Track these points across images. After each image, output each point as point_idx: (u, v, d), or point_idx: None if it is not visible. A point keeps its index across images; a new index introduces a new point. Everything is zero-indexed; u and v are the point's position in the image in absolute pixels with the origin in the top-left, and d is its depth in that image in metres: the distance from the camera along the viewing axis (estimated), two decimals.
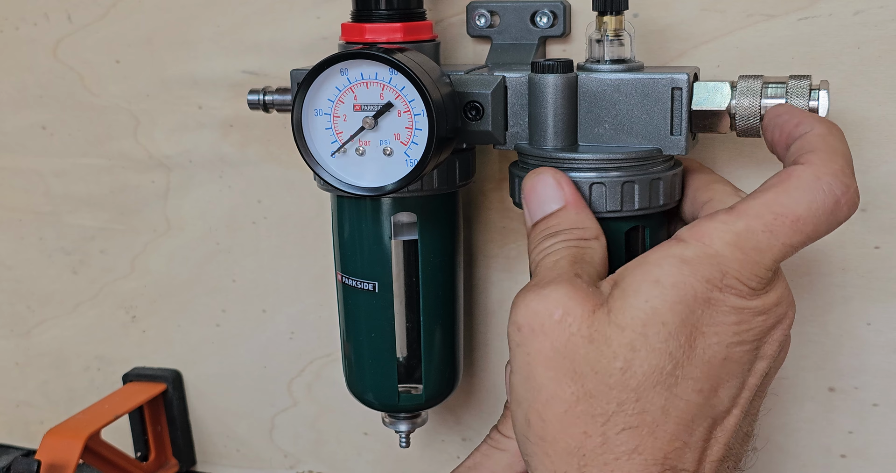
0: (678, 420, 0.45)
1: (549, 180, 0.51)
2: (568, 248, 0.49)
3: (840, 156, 0.47)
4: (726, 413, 0.46)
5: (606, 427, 0.45)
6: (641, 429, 0.44)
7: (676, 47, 0.58)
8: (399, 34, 0.55)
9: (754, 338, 0.46)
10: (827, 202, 0.45)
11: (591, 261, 0.49)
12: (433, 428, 0.71)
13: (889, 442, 0.60)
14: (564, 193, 0.51)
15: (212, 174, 0.71)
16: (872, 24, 0.55)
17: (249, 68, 0.68)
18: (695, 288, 0.45)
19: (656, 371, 0.44)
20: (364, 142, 0.53)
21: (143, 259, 0.75)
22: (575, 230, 0.50)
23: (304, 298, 0.72)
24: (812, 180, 0.46)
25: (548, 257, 0.49)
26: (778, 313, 0.47)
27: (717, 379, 0.45)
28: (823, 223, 0.46)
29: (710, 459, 0.46)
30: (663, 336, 0.44)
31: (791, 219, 0.45)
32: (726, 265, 0.45)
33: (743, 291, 0.45)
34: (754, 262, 0.45)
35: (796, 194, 0.46)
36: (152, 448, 0.77)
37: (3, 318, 0.81)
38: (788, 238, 0.45)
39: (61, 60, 0.73)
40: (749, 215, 0.46)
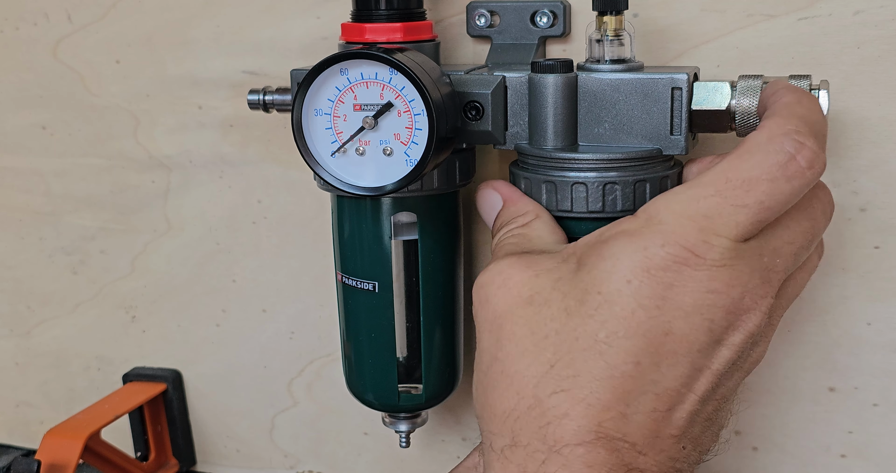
0: (612, 388, 0.45)
1: (486, 189, 0.56)
2: (513, 235, 0.52)
3: (797, 118, 0.47)
4: (677, 394, 0.46)
5: (538, 388, 0.45)
6: (573, 393, 0.45)
7: (676, 47, 0.58)
8: (399, 34, 0.55)
9: (704, 317, 0.45)
10: (779, 159, 0.46)
11: (538, 237, 0.51)
12: (433, 428, 0.71)
13: (889, 442, 0.60)
14: (501, 193, 0.55)
15: (212, 174, 0.71)
16: (872, 24, 0.55)
17: (249, 68, 0.68)
18: (633, 259, 0.45)
19: (588, 336, 0.45)
20: (364, 142, 0.53)
21: (143, 259, 0.76)
22: (515, 220, 0.53)
23: (304, 298, 0.72)
24: (764, 142, 0.46)
25: (497, 247, 0.53)
26: (731, 295, 0.45)
27: (659, 354, 0.45)
28: (780, 180, 0.45)
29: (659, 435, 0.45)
30: (596, 303, 0.45)
31: (741, 180, 0.45)
32: (669, 233, 0.45)
33: (689, 259, 0.45)
34: (702, 227, 0.45)
35: (747, 157, 0.46)
36: (152, 448, 0.77)
37: (3, 318, 0.81)
38: (739, 199, 0.45)
39: (61, 60, 0.73)
40: (700, 184, 0.46)
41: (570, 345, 0.45)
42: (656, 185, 0.53)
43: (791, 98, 0.48)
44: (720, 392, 0.48)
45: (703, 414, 0.47)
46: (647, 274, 0.45)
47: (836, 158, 0.57)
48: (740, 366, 0.48)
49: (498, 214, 0.55)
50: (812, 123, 0.47)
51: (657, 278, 0.45)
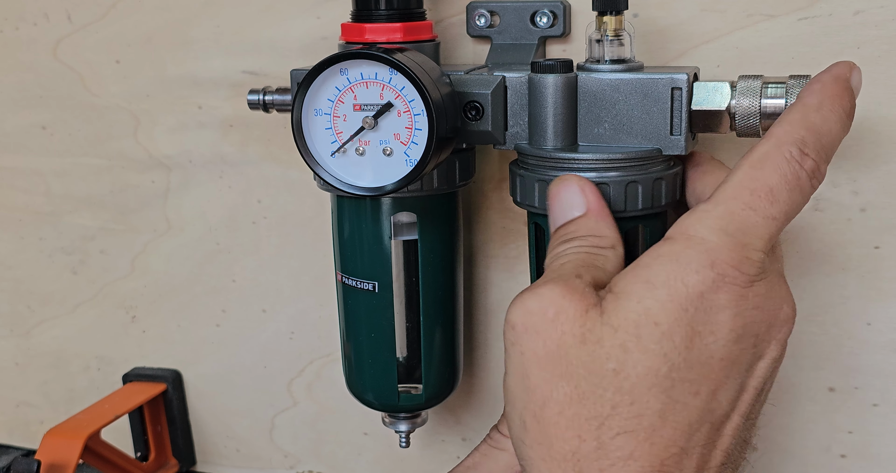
0: (676, 424, 0.43)
1: (573, 187, 0.51)
2: (579, 254, 0.48)
3: (806, 127, 0.46)
4: (726, 418, 0.45)
5: (601, 430, 0.43)
6: (637, 434, 0.43)
7: (676, 47, 0.58)
8: (399, 34, 0.55)
9: (752, 335, 0.45)
10: (792, 168, 0.45)
11: (601, 267, 0.48)
12: (433, 428, 0.71)
13: (889, 442, 0.60)
14: (587, 200, 0.50)
15: (212, 174, 0.71)
16: (873, 24, 0.55)
17: (249, 68, 0.68)
18: (686, 284, 0.44)
19: (651, 373, 0.43)
20: (364, 142, 0.53)
21: (143, 259, 0.76)
22: (591, 238, 0.49)
23: (304, 298, 0.72)
24: (773, 150, 0.46)
25: (557, 261, 0.48)
26: (771, 307, 0.45)
27: (716, 381, 0.44)
28: (796, 190, 0.45)
29: (709, 465, 0.45)
30: (656, 337, 0.43)
31: (765, 191, 0.45)
32: (715, 252, 0.44)
33: (737, 278, 0.44)
34: (742, 244, 0.44)
35: (762, 166, 0.45)
36: (152, 448, 0.77)
37: (3, 318, 0.81)
38: (768, 211, 0.45)
39: (61, 60, 0.73)
40: (726, 198, 0.45)
41: (631, 384, 0.43)
42: (659, 185, 0.52)
43: (813, 101, 0.47)
44: (756, 410, 0.47)
45: (742, 435, 0.46)
46: (701, 300, 0.44)
47: (836, 158, 0.57)
48: (771, 380, 0.47)
49: (574, 219, 0.50)
50: (821, 134, 0.46)
51: (711, 303, 0.44)
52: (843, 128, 0.48)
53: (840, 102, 0.48)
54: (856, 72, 0.49)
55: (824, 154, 0.46)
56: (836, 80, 0.48)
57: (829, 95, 0.48)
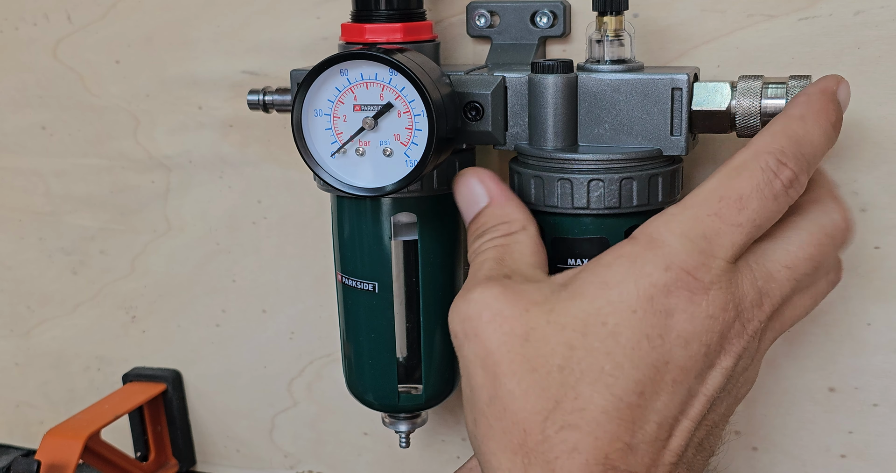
0: (619, 420, 0.44)
1: (471, 181, 0.52)
2: (494, 247, 0.50)
3: (787, 137, 0.46)
4: (674, 421, 0.45)
5: (546, 424, 0.44)
6: (581, 427, 0.44)
7: (676, 48, 0.58)
8: (399, 34, 0.55)
9: (702, 343, 0.45)
10: (766, 177, 0.45)
11: (520, 255, 0.49)
12: (433, 428, 0.71)
13: (889, 442, 0.60)
14: (487, 189, 0.52)
15: (212, 174, 0.71)
16: (873, 25, 0.55)
17: (249, 68, 0.68)
18: (638, 286, 0.44)
19: (594, 370, 0.44)
20: (364, 142, 0.53)
21: (143, 259, 0.76)
22: (500, 226, 0.50)
23: (304, 298, 0.72)
24: (750, 159, 0.46)
25: (477, 258, 0.50)
26: (726, 318, 0.45)
27: (660, 383, 0.44)
28: (769, 198, 0.45)
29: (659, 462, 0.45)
30: (602, 336, 0.44)
31: (735, 198, 0.45)
32: (672, 256, 0.44)
33: (691, 284, 0.44)
34: (702, 250, 0.44)
35: (735, 174, 0.46)
36: (152, 448, 0.77)
37: (3, 318, 0.81)
38: (734, 218, 0.45)
39: (61, 60, 0.73)
40: (695, 203, 0.46)
41: (575, 380, 0.44)
42: (655, 181, 0.52)
43: (796, 112, 0.48)
44: (710, 418, 0.47)
45: (696, 439, 0.47)
46: (651, 303, 0.44)
47: (836, 158, 0.57)
48: (730, 391, 0.48)
49: (480, 212, 0.52)
50: (802, 144, 0.46)
51: (661, 306, 0.44)
52: (826, 139, 0.48)
53: (825, 113, 0.48)
54: (843, 85, 0.49)
55: (805, 164, 0.46)
56: (823, 92, 0.49)
57: (814, 107, 0.48)
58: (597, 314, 0.45)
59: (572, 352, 0.44)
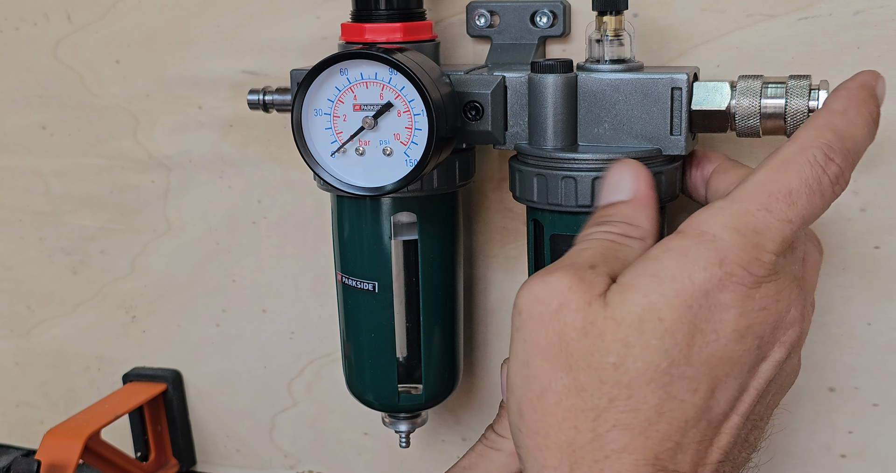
0: (671, 419, 0.43)
1: (625, 171, 0.50)
2: (604, 240, 0.48)
3: (832, 131, 0.46)
4: (724, 417, 0.45)
5: (597, 423, 0.43)
6: (633, 427, 0.43)
7: (676, 47, 0.58)
8: (399, 34, 0.55)
9: (756, 336, 0.45)
10: (815, 172, 0.45)
11: (622, 258, 0.47)
12: (433, 428, 0.71)
13: (889, 442, 0.60)
14: (635, 186, 0.50)
15: (212, 174, 0.71)
16: (872, 24, 0.55)
17: (249, 68, 0.68)
18: (693, 281, 0.43)
19: (650, 368, 0.43)
20: (364, 142, 0.53)
21: (143, 259, 0.76)
22: (623, 225, 0.48)
23: (304, 298, 0.72)
24: (798, 153, 0.45)
25: (581, 243, 0.48)
26: (779, 309, 0.45)
27: (715, 380, 0.44)
28: (816, 194, 0.45)
29: (705, 462, 0.45)
30: (659, 332, 0.43)
31: (784, 193, 0.45)
32: (725, 250, 0.44)
33: (744, 278, 0.44)
34: (754, 244, 0.44)
35: (783, 168, 0.45)
36: (152, 448, 0.77)
37: (3, 318, 0.81)
38: (784, 213, 0.44)
39: (61, 60, 0.73)
40: (744, 197, 0.45)
41: (630, 378, 0.43)
42: (659, 180, 0.52)
43: (838, 107, 0.47)
44: (757, 411, 0.47)
45: (742, 434, 0.46)
46: (707, 297, 0.44)
47: None
48: (777, 382, 0.47)
49: (615, 203, 0.50)
50: (846, 139, 0.46)
51: (716, 301, 0.44)
52: (868, 134, 0.47)
53: (867, 107, 0.47)
54: (881, 81, 0.49)
55: (850, 159, 0.46)
56: (862, 87, 0.48)
57: (854, 101, 0.47)
58: (651, 308, 0.43)
59: (628, 350, 0.43)
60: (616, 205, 0.50)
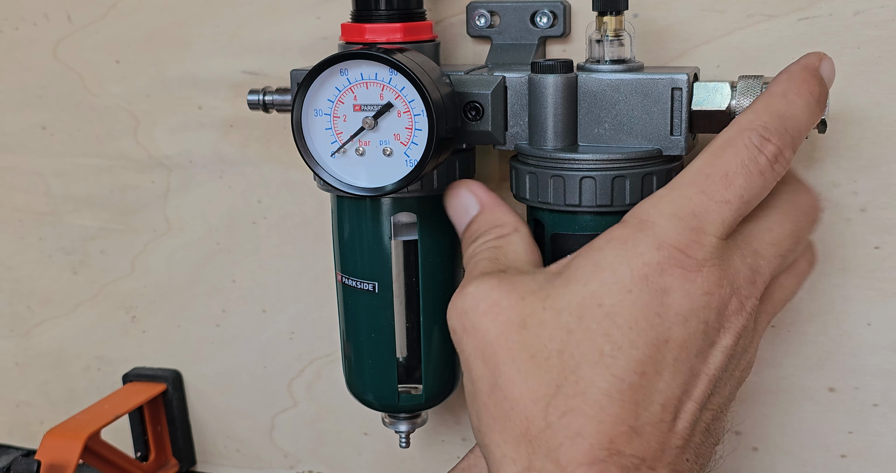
0: (622, 402, 0.44)
1: (462, 191, 0.54)
2: (488, 249, 0.51)
3: (770, 113, 0.47)
4: (678, 402, 0.45)
5: (548, 410, 0.44)
6: (584, 411, 0.44)
7: (676, 47, 0.58)
8: (399, 34, 0.55)
9: (700, 320, 0.45)
10: (750, 153, 0.46)
11: (514, 253, 0.50)
12: (433, 428, 0.71)
13: (889, 443, 0.60)
14: (478, 197, 0.53)
15: (212, 174, 0.71)
16: (873, 25, 0.55)
17: (249, 68, 0.68)
18: (631, 267, 0.44)
19: (593, 352, 0.44)
20: (364, 142, 0.53)
21: (143, 259, 0.76)
22: (493, 230, 0.51)
23: (304, 298, 0.72)
24: (734, 136, 0.46)
25: (472, 260, 0.51)
26: (722, 294, 0.45)
27: (661, 362, 0.44)
28: (754, 174, 0.46)
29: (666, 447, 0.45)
30: (598, 317, 0.44)
31: (720, 175, 0.45)
32: (663, 235, 0.45)
33: (683, 261, 0.44)
34: (692, 227, 0.45)
35: (719, 152, 0.46)
36: (152, 448, 0.77)
37: (3, 318, 0.81)
38: (721, 195, 0.45)
39: (61, 60, 0.73)
40: (682, 183, 0.46)
41: (575, 363, 0.44)
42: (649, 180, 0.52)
43: (778, 89, 0.48)
44: (715, 401, 0.47)
45: (703, 423, 0.47)
46: (646, 281, 0.44)
47: (836, 158, 0.57)
48: (732, 373, 0.48)
49: (472, 220, 0.53)
50: (785, 118, 0.47)
51: (656, 285, 0.44)
52: (810, 113, 0.48)
53: (807, 87, 0.48)
54: (826, 61, 0.50)
55: (788, 139, 0.47)
56: (804, 68, 0.49)
57: (795, 82, 0.48)
58: (592, 296, 0.45)
59: (570, 336, 0.44)
60: (474, 220, 0.53)
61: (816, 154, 0.57)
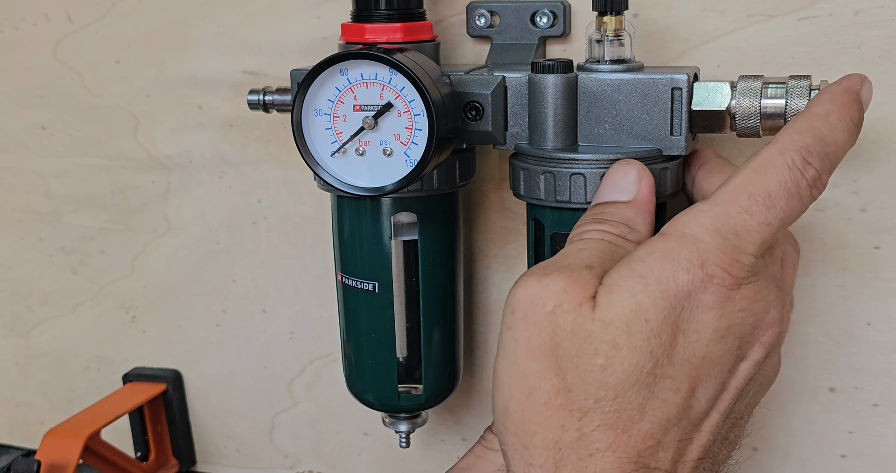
0: (654, 418, 0.44)
1: (630, 171, 0.50)
2: (603, 240, 0.48)
3: (812, 135, 0.46)
4: (704, 416, 0.45)
5: (583, 422, 0.44)
6: (617, 427, 0.44)
7: (676, 47, 0.58)
8: (399, 34, 0.55)
9: (736, 336, 0.45)
10: (793, 176, 0.45)
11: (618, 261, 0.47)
12: (433, 428, 0.71)
13: (889, 443, 0.60)
14: (640, 189, 0.50)
15: (212, 174, 0.71)
16: (873, 25, 0.55)
17: (249, 68, 0.68)
18: (676, 282, 0.44)
19: (636, 370, 0.44)
20: (364, 142, 0.53)
21: (143, 259, 0.76)
22: (623, 227, 0.49)
23: (304, 298, 0.72)
24: (776, 156, 0.46)
25: (579, 242, 0.48)
26: (757, 310, 0.45)
27: (696, 379, 0.45)
28: (795, 197, 0.45)
29: (685, 459, 0.45)
30: (646, 334, 0.44)
31: (763, 196, 0.45)
32: (707, 252, 0.44)
33: (725, 279, 0.44)
34: (734, 246, 0.45)
35: (763, 171, 0.46)
36: (152, 448, 0.77)
37: (3, 318, 0.81)
38: (764, 216, 0.45)
39: (61, 60, 0.73)
40: (725, 200, 0.45)
41: (616, 381, 0.44)
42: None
43: (821, 110, 0.48)
44: (737, 409, 0.47)
45: (722, 432, 0.47)
46: (689, 299, 0.44)
47: None
48: (756, 381, 0.48)
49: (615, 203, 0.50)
50: (826, 143, 0.46)
51: (697, 302, 0.44)
52: (849, 138, 0.48)
53: (849, 112, 0.48)
54: (867, 85, 0.49)
55: (828, 163, 0.46)
56: (847, 91, 0.48)
57: (837, 105, 0.48)
58: (638, 309, 0.44)
59: (616, 352, 0.44)
60: (616, 204, 0.50)
61: None
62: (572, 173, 0.52)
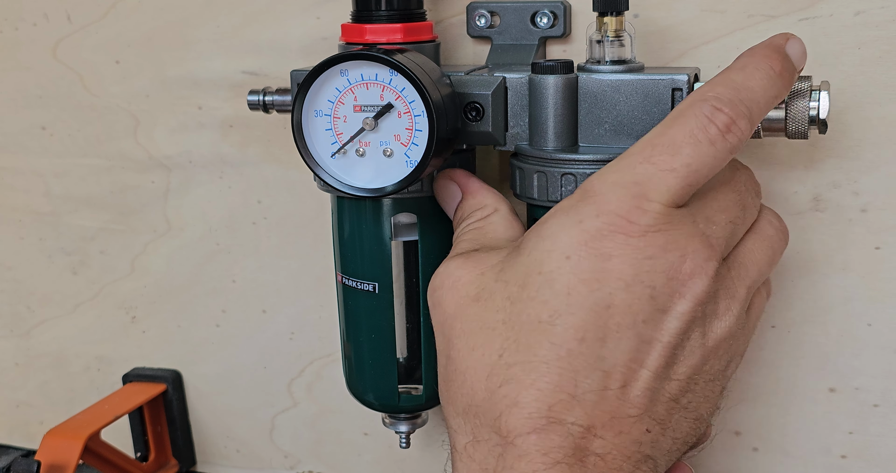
0: (560, 369, 0.44)
1: (444, 180, 0.56)
2: (470, 230, 0.53)
3: (725, 85, 0.47)
4: (628, 370, 0.44)
5: (489, 380, 0.45)
6: (522, 381, 0.44)
7: (677, 48, 0.58)
8: (399, 35, 0.55)
9: (645, 285, 0.44)
10: (699, 123, 0.46)
11: (493, 232, 0.52)
12: (433, 429, 0.71)
13: (889, 443, 0.60)
14: (460, 184, 0.55)
15: (212, 174, 0.71)
16: (873, 25, 0.55)
17: (249, 68, 0.68)
18: (570, 234, 0.45)
19: (533, 320, 0.44)
20: (364, 143, 0.53)
21: (143, 259, 0.75)
22: (476, 213, 0.53)
23: (304, 298, 0.72)
24: (685, 107, 0.46)
25: (455, 243, 0.53)
26: (670, 259, 0.45)
27: (603, 328, 0.44)
28: (703, 143, 0.45)
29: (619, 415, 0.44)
30: (538, 285, 0.45)
31: (667, 144, 0.45)
32: (603, 203, 0.45)
33: (624, 226, 0.44)
34: (634, 195, 0.45)
35: (670, 122, 0.46)
36: (152, 449, 0.77)
37: (3, 318, 0.81)
38: (667, 163, 0.45)
39: (61, 61, 0.73)
40: (629, 153, 0.46)
41: (516, 332, 0.45)
42: None
43: (738, 63, 0.48)
44: (680, 371, 0.46)
45: (666, 393, 0.46)
46: (585, 247, 0.45)
47: (836, 158, 0.57)
48: (705, 344, 0.46)
49: (458, 205, 0.55)
50: (740, 90, 0.47)
51: (595, 250, 0.44)
52: (770, 85, 0.48)
53: (767, 61, 0.48)
54: (793, 41, 0.50)
55: (743, 109, 0.46)
56: (767, 45, 0.49)
57: (756, 57, 0.48)
58: (533, 264, 0.45)
59: (513, 305, 0.45)
60: (459, 206, 0.55)
61: (817, 154, 0.57)
62: (563, 173, 0.52)
